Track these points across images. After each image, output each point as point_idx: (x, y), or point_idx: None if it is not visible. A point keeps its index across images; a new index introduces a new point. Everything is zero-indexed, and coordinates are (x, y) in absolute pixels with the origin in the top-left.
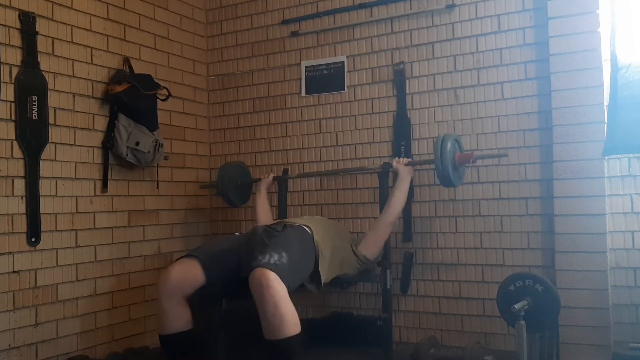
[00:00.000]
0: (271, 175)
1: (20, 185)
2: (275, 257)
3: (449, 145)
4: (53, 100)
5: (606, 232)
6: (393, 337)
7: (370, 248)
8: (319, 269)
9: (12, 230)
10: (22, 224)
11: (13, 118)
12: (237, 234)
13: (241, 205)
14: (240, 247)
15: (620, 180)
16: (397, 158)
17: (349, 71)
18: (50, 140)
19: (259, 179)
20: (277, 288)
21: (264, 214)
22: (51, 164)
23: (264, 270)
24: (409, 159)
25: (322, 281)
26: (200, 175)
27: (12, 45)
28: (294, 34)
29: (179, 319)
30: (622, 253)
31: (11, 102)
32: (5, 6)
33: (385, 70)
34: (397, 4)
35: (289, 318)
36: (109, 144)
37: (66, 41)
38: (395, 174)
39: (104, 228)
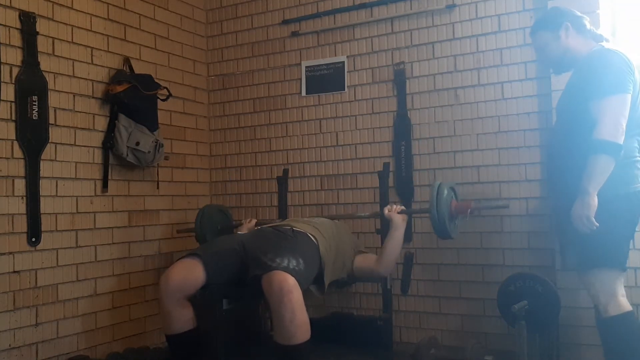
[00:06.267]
0: (254, 221)
1: (20, 185)
2: (294, 262)
3: (445, 192)
4: (53, 100)
5: None
6: (393, 337)
7: (359, 274)
8: (324, 278)
9: (12, 230)
10: (22, 224)
11: (13, 118)
12: (238, 232)
13: None
14: (242, 247)
15: None
16: (388, 206)
17: (349, 71)
18: (50, 140)
19: (241, 224)
20: (297, 295)
21: None
22: (51, 164)
23: (285, 275)
24: (402, 207)
25: (325, 287)
26: (200, 175)
27: (13, 45)
28: (294, 34)
29: (182, 319)
30: None
31: (11, 102)
32: (5, 6)
33: (385, 70)
34: (398, 4)
35: (304, 325)
36: (109, 144)
37: (66, 41)
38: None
39: (105, 228)
